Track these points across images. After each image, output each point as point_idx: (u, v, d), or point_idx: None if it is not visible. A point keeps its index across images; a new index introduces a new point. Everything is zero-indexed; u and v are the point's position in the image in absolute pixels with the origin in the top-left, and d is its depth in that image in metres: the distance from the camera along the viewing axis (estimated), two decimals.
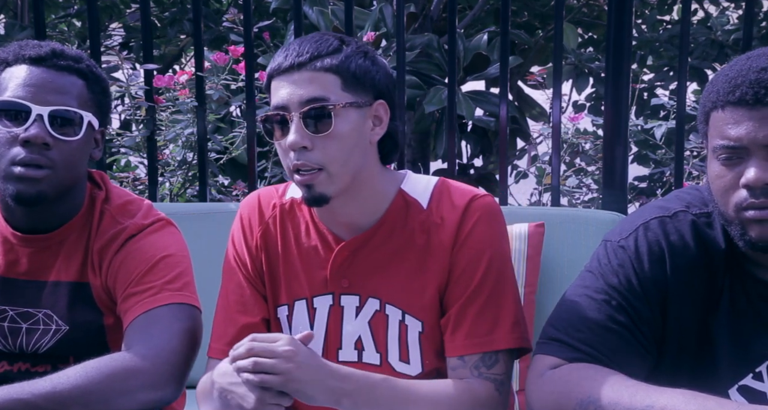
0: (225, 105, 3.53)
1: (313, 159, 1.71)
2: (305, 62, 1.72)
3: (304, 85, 1.72)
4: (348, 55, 1.75)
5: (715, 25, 4.66)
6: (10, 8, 5.17)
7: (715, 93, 1.59)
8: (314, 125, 1.71)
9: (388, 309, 1.83)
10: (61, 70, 1.81)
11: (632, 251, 1.67)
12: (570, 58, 4.50)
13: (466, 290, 1.78)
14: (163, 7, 5.25)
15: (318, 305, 1.85)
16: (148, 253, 1.85)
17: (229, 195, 3.48)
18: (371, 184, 1.81)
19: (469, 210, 1.80)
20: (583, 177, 3.52)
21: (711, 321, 1.64)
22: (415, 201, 1.83)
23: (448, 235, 1.79)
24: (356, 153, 1.75)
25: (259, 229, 1.89)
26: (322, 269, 1.84)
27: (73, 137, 1.80)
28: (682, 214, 1.68)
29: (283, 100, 1.73)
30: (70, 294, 1.88)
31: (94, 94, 1.86)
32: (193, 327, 1.82)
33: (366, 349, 1.84)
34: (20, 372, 1.90)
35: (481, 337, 1.77)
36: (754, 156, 1.54)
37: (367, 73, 1.76)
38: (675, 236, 1.66)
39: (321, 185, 1.72)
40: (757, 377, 1.63)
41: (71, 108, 1.80)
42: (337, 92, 1.72)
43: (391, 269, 1.82)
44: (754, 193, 1.54)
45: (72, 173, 1.83)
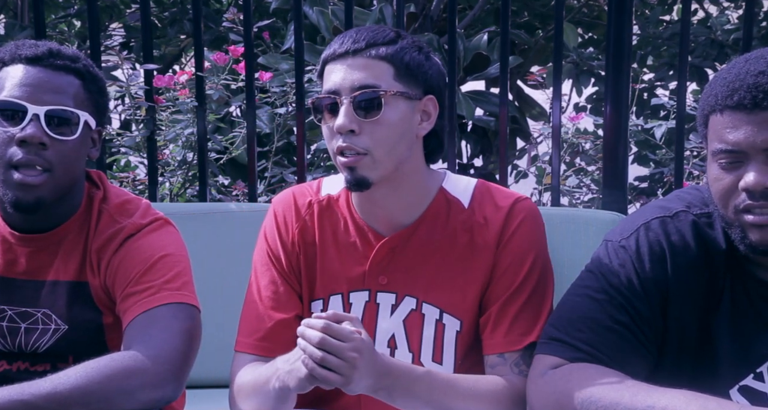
0: (225, 105, 3.53)
1: (359, 143, 1.74)
2: (361, 49, 1.76)
3: (358, 70, 1.75)
4: (403, 47, 1.78)
5: (715, 25, 4.66)
6: (10, 8, 5.17)
7: (713, 97, 1.60)
8: (364, 110, 1.74)
9: (424, 307, 1.84)
10: (57, 69, 1.81)
11: (633, 250, 1.68)
12: (571, 56, 4.50)
13: (508, 288, 1.80)
14: (163, 7, 5.25)
15: (354, 300, 1.86)
16: (146, 253, 1.85)
17: (229, 195, 3.48)
18: (414, 178, 1.83)
19: (514, 211, 1.83)
20: (583, 177, 3.52)
21: (712, 321, 1.65)
22: (456, 200, 1.85)
23: (492, 234, 1.81)
24: (402, 143, 1.78)
25: (297, 225, 1.89)
26: (360, 265, 1.85)
27: (69, 136, 1.80)
28: (683, 214, 1.69)
29: (335, 85, 1.76)
30: (69, 294, 1.88)
31: (90, 93, 1.85)
32: (193, 326, 1.82)
33: (399, 348, 1.85)
34: (19, 371, 1.90)
35: (521, 335, 1.79)
36: (753, 160, 1.55)
37: (420, 67, 1.79)
38: (676, 236, 1.67)
39: (364, 168, 1.75)
40: (758, 377, 1.63)
41: (68, 108, 1.80)
42: (388, 81, 1.76)
43: (431, 267, 1.83)
44: (753, 196, 1.55)
45: (70, 174, 1.83)
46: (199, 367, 1.84)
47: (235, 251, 2.67)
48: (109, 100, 1.96)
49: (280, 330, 1.83)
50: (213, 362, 2.49)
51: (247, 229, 2.68)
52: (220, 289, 2.62)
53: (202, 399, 2.37)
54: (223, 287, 2.63)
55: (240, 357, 1.87)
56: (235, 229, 2.70)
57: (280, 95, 3.44)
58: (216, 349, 2.44)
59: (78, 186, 1.90)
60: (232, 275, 2.65)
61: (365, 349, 1.60)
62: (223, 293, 2.63)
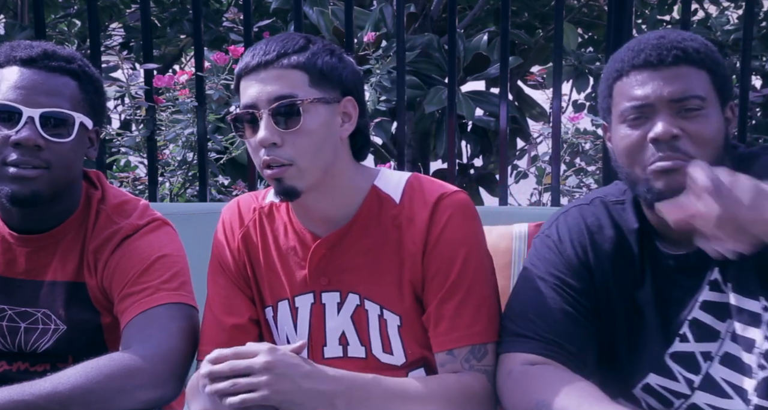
0: (225, 105, 3.53)
1: (282, 155, 1.74)
2: (272, 60, 1.75)
3: (272, 82, 1.75)
4: (314, 53, 1.78)
5: (715, 25, 4.65)
6: (10, 8, 5.17)
7: (619, 62, 1.72)
8: (283, 121, 1.74)
9: (366, 304, 1.84)
10: (52, 71, 1.81)
11: (555, 236, 1.82)
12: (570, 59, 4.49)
13: (442, 287, 1.80)
14: (163, 7, 5.25)
15: (300, 304, 1.86)
16: (143, 253, 1.85)
17: (229, 195, 3.47)
18: (343, 179, 1.83)
19: (439, 208, 1.81)
20: (583, 177, 3.52)
21: (637, 296, 1.77)
22: (387, 196, 1.85)
23: (419, 232, 1.81)
24: (326, 149, 1.78)
25: (240, 231, 1.91)
26: (301, 269, 1.85)
27: (65, 138, 1.80)
28: (597, 200, 1.83)
29: (252, 99, 1.76)
30: (67, 294, 1.88)
31: (86, 94, 1.85)
32: (191, 326, 1.82)
33: (351, 344, 1.86)
34: (19, 371, 1.90)
35: (466, 330, 1.79)
36: (660, 113, 1.66)
37: (334, 70, 1.79)
38: (592, 219, 1.80)
39: (291, 179, 1.75)
40: (683, 339, 1.74)
41: (63, 110, 1.80)
42: (304, 89, 1.75)
43: (367, 264, 1.84)
44: (661, 147, 1.65)
45: (67, 174, 1.83)
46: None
47: None
48: (107, 100, 1.95)
49: (237, 334, 1.84)
50: None
51: None
52: None
53: None
54: None
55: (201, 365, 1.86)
56: None
57: None
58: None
59: (76, 186, 1.90)
60: None
61: (277, 353, 1.61)
62: None
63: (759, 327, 1.68)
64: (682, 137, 1.64)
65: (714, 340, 1.72)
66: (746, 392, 1.69)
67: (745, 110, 3.12)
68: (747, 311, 1.68)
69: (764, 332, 1.67)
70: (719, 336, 1.72)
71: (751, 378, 1.68)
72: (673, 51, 1.68)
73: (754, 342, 1.68)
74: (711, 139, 1.66)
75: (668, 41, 1.69)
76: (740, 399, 1.69)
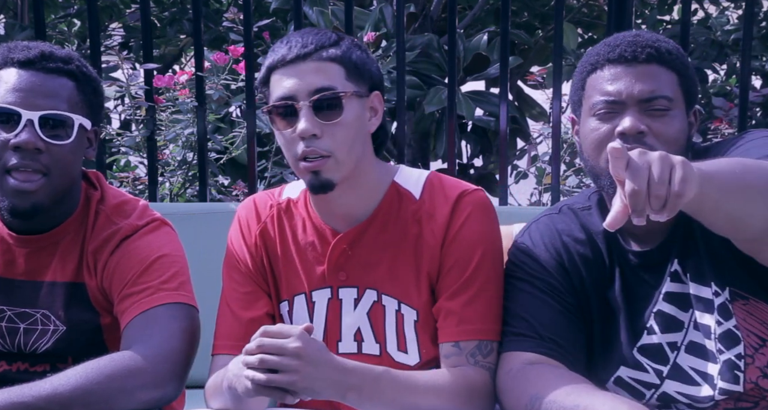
0: (225, 105, 3.53)
1: (322, 146, 1.75)
2: (311, 52, 1.77)
3: (312, 74, 1.76)
4: (348, 47, 1.81)
5: (715, 25, 4.65)
6: (10, 8, 5.17)
7: (594, 56, 1.78)
8: (324, 112, 1.76)
9: (384, 299, 1.85)
10: (50, 72, 1.80)
11: (529, 242, 1.87)
12: (570, 59, 4.49)
13: (457, 280, 1.81)
14: (163, 7, 5.25)
15: (317, 299, 1.87)
16: (143, 253, 1.85)
17: (229, 195, 3.48)
18: (368, 174, 1.85)
19: (461, 204, 1.83)
20: (583, 177, 3.52)
21: (609, 295, 1.82)
22: (407, 192, 1.87)
23: (439, 226, 1.83)
24: (359, 142, 1.80)
25: (258, 228, 1.91)
26: (319, 264, 1.86)
27: (64, 140, 1.80)
28: (566, 207, 1.90)
29: (290, 91, 1.76)
30: (66, 295, 1.88)
31: (85, 94, 1.84)
32: (191, 326, 1.82)
33: (365, 340, 1.87)
34: (19, 371, 1.90)
35: (476, 324, 1.80)
36: (629, 109, 1.71)
37: (365, 65, 1.83)
38: (562, 224, 1.86)
39: (328, 171, 1.76)
40: (650, 332, 1.79)
41: (62, 112, 1.79)
42: (342, 82, 1.78)
43: (386, 259, 1.85)
44: (627, 141, 1.68)
45: (66, 177, 1.83)
46: (198, 367, 1.84)
47: None
48: (105, 100, 1.94)
49: (254, 328, 1.83)
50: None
51: None
52: (219, 289, 2.62)
53: (201, 399, 2.37)
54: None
55: (217, 359, 1.87)
56: None
57: None
58: None
59: (75, 187, 1.90)
60: None
61: (308, 340, 1.61)
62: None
63: (712, 313, 1.73)
64: (647, 133, 1.70)
65: (679, 330, 1.77)
66: (712, 377, 1.73)
67: (745, 109, 3.12)
68: (703, 298, 1.74)
69: (716, 317, 1.73)
70: (683, 326, 1.77)
71: (715, 363, 1.73)
72: (647, 49, 1.73)
73: (710, 328, 1.73)
74: (674, 138, 1.72)
75: (643, 39, 1.75)
76: (707, 385, 1.74)
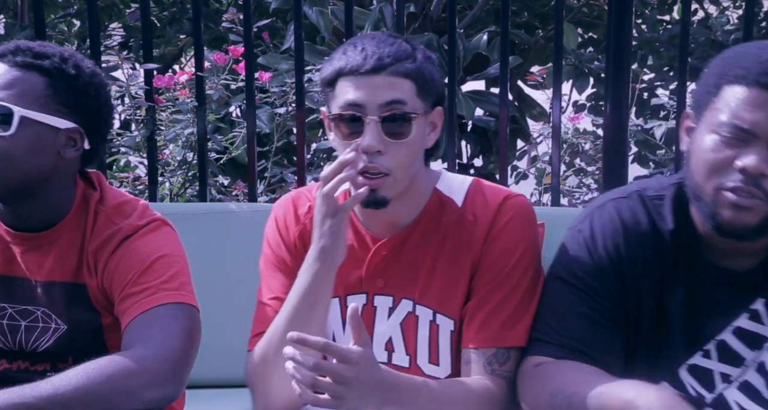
0: (225, 105, 3.53)
1: (384, 164, 1.71)
2: (387, 65, 1.71)
3: (385, 89, 1.71)
4: (421, 62, 1.76)
5: (715, 25, 4.66)
6: (10, 8, 5.17)
7: (742, 69, 1.56)
8: (392, 130, 1.71)
9: (418, 309, 1.83)
10: (15, 65, 1.78)
11: (587, 232, 1.73)
12: (570, 58, 4.50)
13: (489, 283, 1.79)
14: (163, 7, 5.25)
15: (351, 304, 1.84)
16: (143, 254, 1.85)
17: (229, 195, 3.48)
18: (417, 185, 1.83)
19: (503, 208, 1.81)
20: (583, 177, 3.52)
21: (667, 300, 1.69)
22: (450, 200, 1.85)
23: (480, 230, 1.80)
24: (417, 159, 1.79)
25: (297, 229, 1.89)
26: (357, 269, 1.84)
27: (3, 132, 1.76)
28: (635, 194, 1.73)
29: (360, 100, 1.71)
30: (67, 295, 1.88)
31: (56, 91, 1.80)
32: (192, 325, 1.82)
33: (396, 351, 1.85)
34: (19, 370, 1.90)
35: (496, 332, 1.78)
36: (758, 144, 1.54)
37: (434, 81, 1.78)
38: (628, 214, 1.70)
39: (385, 189, 1.73)
40: (705, 355, 1.68)
41: (3, 103, 1.75)
42: (413, 99, 1.73)
43: (426, 268, 1.83)
44: (746, 179, 1.55)
45: (16, 171, 1.78)
46: (198, 367, 1.84)
47: (235, 251, 2.67)
48: (101, 101, 1.87)
49: None
50: (213, 362, 2.49)
51: (247, 229, 2.68)
52: (220, 289, 2.62)
53: (202, 399, 2.37)
54: (223, 287, 2.63)
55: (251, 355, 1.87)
56: (235, 229, 2.70)
57: (279, 95, 3.44)
58: (216, 349, 2.44)
59: (56, 186, 1.86)
60: (232, 275, 2.65)
61: (363, 366, 1.59)
62: (223, 293, 2.63)
63: None
64: None
65: (737, 365, 1.67)
66: None
67: None
68: None
69: None
70: (744, 363, 1.67)
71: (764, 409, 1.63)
72: None
73: None
74: None
75: None
76: None
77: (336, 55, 1.77)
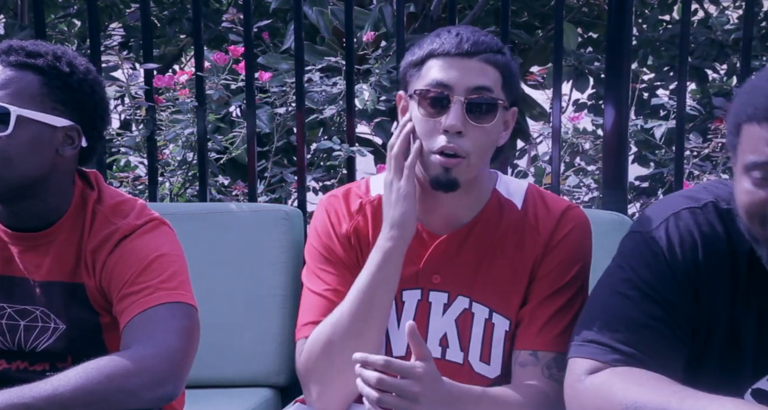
0: (225, 105, 3.53)
1: (463, 146, 1.74)
2: (480, 51, 1.75)
3: (476, 73, 1.75)
4: (509, 58, 1.81)
5: (715, 25, 4.65)
6: (10, 8, 5.17)
7: (752, 107, 1.52)
8: (476, 113, 1.74)
9: (474, 306, 1.84)
10: (9, 65, 1.79)
11: (664, 241, 1.63)
12: (570, 58, 4.49)
13: (550, 288, 1.81)
14: (163, 7, 5.25)
15: (407, 298, 1.86)
16: (141, 253, 1.85)
17: (229, 195, 3.48)
18: (480, 181, 1.85)
19: (566, 217, 1.85)
20: (583, 177, 3.52)
21: (740, 317, 1.62)
22: (509, 202, 1.87)
23: (542, 236, 1.83)
24: (491, 151, 1.81)
25: (350, 224, 1.89)
26: (413, 264, 1.84)
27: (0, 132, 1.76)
28: (711, 205, 1.65)
29: (449, 81, 1.74)
30: (65, 294, 1.88)
31: (52, 89, 1.81)
32: (191, 325, 1.82)
33: (450, 347, 1.86)
34: (18, 370, 1.90)
35: (558, 336, 1.78)
36: None
37: (516, 81, 1.83)
38: (707, 227, 1.63)
39: (459, 171, 1.75)
40: None
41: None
42: (498, 89, 1.77)
43: (483, 267, 1.84)
44: None
45: (15, 171, 1.79)
46: (198, 367, 1.84)
47: (235, 251, 2.67)
48: (96, 98, 1.88)
49: None
50: (212, 362, 2.49)
51: (247, 229, 2.69)
52: (219, 289, 2.62)
53: (201, 399, 2.38)
54: (222, 287, 2.64)
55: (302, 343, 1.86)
56: (235, 229, 2.70)
57: (279, 95, 3.44)
58: (215, 349, 2.45)
59: (55, 185, 1.86)
60: (232, 275, 2.66)
61: (428, 381, 1.60)
62: (223, 293, 2.63)
63: None
64: None
65: None
66: None
67: None
68: None
69: None
70: None
71: None
72: None
73: None
74: None
75: None
76: None
77: (427, 40, 1.81)
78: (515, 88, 1.83)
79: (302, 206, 3.01)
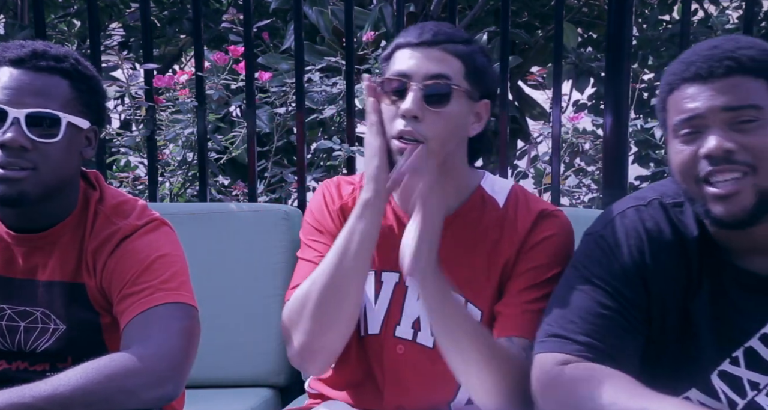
0: (225, 105, 3.53)
1: (420, 130, 1.79)
2: (440, 42, 1.83)
3: (433, 61, 1.82)
4: (474, 50, 1.87)
5: (715, 25, 4.65)
6: (10, 8, 5.17)
7: (671, 75, 1.66)
8: (432, 99, 1.80)
9: None
10: (40, 70, 1.80)
11: (611, 239, 1.73)
12: (570, 57, 4.49)
13: (528, 282, 1.85)
14: (163, 7, 5.24)
15: (385, 279, 1.93)
16: (142, 253, 1.85)
17: (229, 195, 3.47)
18: (454, 175, 1.90)
19: (546, 220, 1.90)
20: (583, 177, 3.52)
21: (692, 307, 1.69)
22: (492, 199, 1.94)
23: (520, 234, 1.88)
24: (454, 139, 1.85)
25: (339, 202, 1.97)
26: (394, 250, 1.85)
27: (52, 139, 1.79)
28: (656, 202, 1.75)
29: (408, 69, 1.82)
30: (66, 294, 1.88)
31: (80, 92, 1.83)
32: (191, 325, 1.82)
33: (422, 330, 1.91)
34: (18, 370, 1.90)
35: (531, 327, 1.81)
36: (712, 126, 1.59)
37: (485, 72, 1.88)
38: (651, 223, 1.72)
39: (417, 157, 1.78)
40: (734, 362, 1.67)
41: (49, 110, 1.78)
42: (458, 77, 1.83)
43: (461, 260, 1.89)
44: (714, 161, 1.58)
45: (57, 174, 1.82)
46: (198, 367, 1.84)
47: (235, 251, 2.67)
48: (106, 98, 1.94)
49: None
50: (213, 362, 2.49)
51: (247, 229, 2.69)
52: (220, 289, 2.62)
53: (201, 399, 2.38)
54: (222, 287, 2.64)
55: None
56: (235, 229, 2.70)
57: (279, 95, 3.44)
58: (216, 349, 2.45)
59: (71, 187, 1.89)
60: (232, 274, 2.66)
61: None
62: (223, 293, 2.63)
63: None
64: (737, 150, 1.57)
65: (766, 373, 1.66)
66: None
67: None
68: None
69: None
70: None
71: None
72: (725, 62, 1.59)
73: None
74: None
75: (720, 51, 1.61)
76: None
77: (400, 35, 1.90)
78: (486, 81, 1.88)
79: (302, 206, 3.01)
